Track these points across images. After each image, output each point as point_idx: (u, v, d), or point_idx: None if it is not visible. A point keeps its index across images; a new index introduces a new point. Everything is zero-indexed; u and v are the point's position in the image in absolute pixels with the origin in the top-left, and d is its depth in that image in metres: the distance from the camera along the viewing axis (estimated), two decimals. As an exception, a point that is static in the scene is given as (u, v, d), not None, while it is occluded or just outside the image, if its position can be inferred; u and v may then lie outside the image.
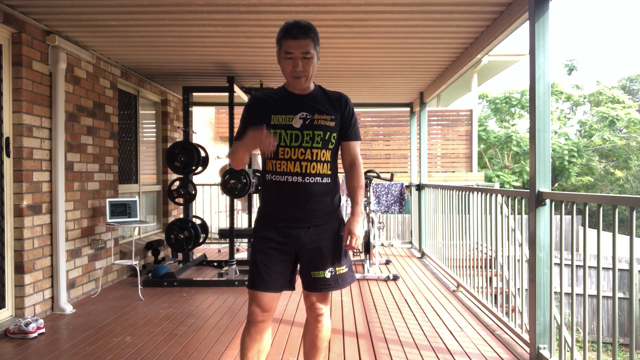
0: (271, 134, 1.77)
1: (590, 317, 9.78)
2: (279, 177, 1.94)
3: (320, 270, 1.98)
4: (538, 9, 2.64)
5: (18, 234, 3.45)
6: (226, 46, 4.20)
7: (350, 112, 2.04)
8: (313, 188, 1.94)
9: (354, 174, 2.05)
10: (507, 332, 3.23)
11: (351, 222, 1.97)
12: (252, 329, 1.97)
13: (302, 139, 1.92)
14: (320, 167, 1.95)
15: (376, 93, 6.47)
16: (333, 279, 2.00)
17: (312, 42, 1.90)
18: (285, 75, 1.94)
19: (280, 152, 1.92)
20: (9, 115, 3.42)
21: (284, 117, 1.92)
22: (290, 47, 1.87)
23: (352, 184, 2.05)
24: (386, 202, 6.61)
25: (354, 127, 2.04)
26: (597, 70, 65.20)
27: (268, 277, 1.93)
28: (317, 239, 1.97)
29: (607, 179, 21.55)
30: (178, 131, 6.63)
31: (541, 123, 2.65)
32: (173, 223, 4.90)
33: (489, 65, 11.18)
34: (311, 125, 1.93)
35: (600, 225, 2.18)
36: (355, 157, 2.05)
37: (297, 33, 1.85)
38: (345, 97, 2.06)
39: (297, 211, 1.95)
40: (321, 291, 2.01)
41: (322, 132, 1.94)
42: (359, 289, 4.54)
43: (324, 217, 1.99)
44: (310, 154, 1.93)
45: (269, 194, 1.99)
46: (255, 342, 1.97)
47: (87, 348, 2.96)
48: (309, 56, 1.90)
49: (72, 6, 3.27)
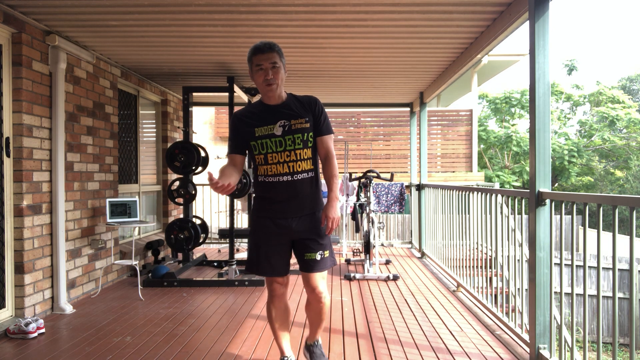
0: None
1: (590, 317, 9.78)
2: (271, 179, 2.29)
3: (312, 253, 2.33)
4: (538, 9, 2.64)
5: (18, 234, 3.45)
6: (226, 46, 4.20)
7: (320, 110, 2.36)
8: (301, 183, 2.30)
9: (329, 164, 2.38)
10: (507, 332, 3.23)
11: (327, 207, 2.32)
12: (275, 301, 2.43)
13: (285, 144, 2.27)
14: (305, 164, 2.30)
15: (376, 93, 6.47)
16: (322, 261, 2.35)
17: (278, 55, 2.26)
18: (259, 86, 2.29)
19: (269, 157, 2.28)
20: (9, 115, 3.42)
21: (265, 128, 2.27)
22: (260, 60, 2.23)
23: (328, 173, 2.38)
24: (386, 202, 6.61)
25: (324, 123, 2.36)
26: (597, 70, 65.21)
27: (274, 265, 2.34)
28: (308, 227, 2.33)
29: (607, 179, 21.55)
30: (178, 131, 6.63)
31: (541, 123, 2.65)
32: (173, 223, 4.90)
33: (489, 65, 11.19)
34: (290, 130, 2.27)
35: (600, 225, 2.18)
36: (328, 149, 2.37)
37: (264, 48, 2.24)
38: (314, 98, 2.39)
39: (289, 205, 2.31)
40: (317, 271, 2.34)
41: (301, 134, 2.28)
42: (359, 289, 4.55)
43: (310, 206, 2.35)
44: (295, 155, 2.27)
45: (263, 193, 2.34)
46: (280, 310, 2.45)
47: (87, 348, 2.96)
48: (277, 65, 2.25)
49: (72, 6, 3.27)
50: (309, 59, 4.59)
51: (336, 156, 2.44)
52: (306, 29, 3.72)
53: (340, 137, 10.86)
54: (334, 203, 2.31)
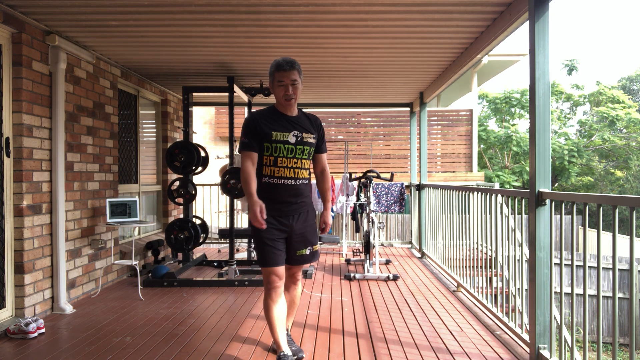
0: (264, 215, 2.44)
1: (590, 317, 9.78)
2: (276, 180, 2.54)
3: (303, 249, 2.66)
4: (538, 9, 2.64)
5: (18, 234, 3.45)
6: (226, 46, 4.20)
7: (323, 130, 2.71)
8: (301, 188, 2.60)
9: (325, 179, 2.78)
10: (507, 332, 3.23)
11: (325, 215, 2.75)
12: (273, 293, 2.58)
13: (296, 152, 2.55)
14: (305, 173, 2.61)
15: (376, 93, 6.47)
16: (311, 255, 2.70)
17: (298, 72, 2.52)
18: (278, 99, 2.54)
19: (279, 161, 2.53)
20: (9, 115, 3.42)
21: (281, 134, 2.52)
22: (282, 77, 2.49)
23: (324, 187, 2.78)
24: (386, 202, 6.61)
25: (324, 142, 2.73)
26: (597, 70, 65.19)
27: (280, 255, 2.58)
28: (303, 225, 2.64)
29: (607, 179, 21.54)
30: (178, 131, 6.63)
31: (541, 123, 2.65)
32: (173, 223, 4.90)
33: (489, 65, 11.18)
34: (302, 141, 2.56)
35: (600, 225, 2.18)
36: (325, 165, 2.78)
37: (286, 66, 2.48)
38: (319, 119, 2.72)
39: (290, 205, 2.59)
40: (303, 263, 2.71)
41: (309, 147, 2.59)
42: (359, 289, 4.55)
43: (305, 207, 2.66)
44: (301, 163, 2.57)
45: (268, 193, 2.56)
46: (277, 303, 2.59)
47: (87, 348, 2.96)
48: (296, 83, 2.52)
49: (72, 6, 3.27)
50: (309, 59, 4.59)
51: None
52: (306, 29, 3.72)
53: (340, 137, 10.86)
54: (329, 212, 2.76)
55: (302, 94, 6.60)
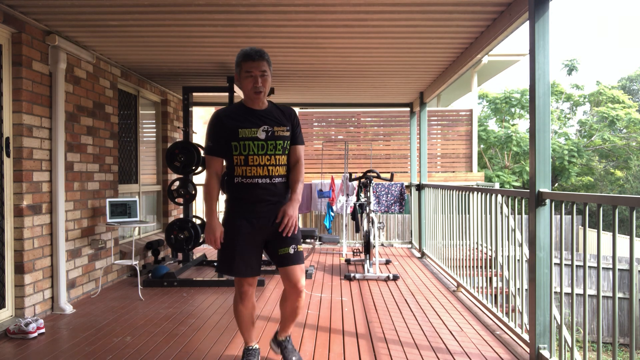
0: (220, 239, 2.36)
1: (590, 317, 9.78)
2: (249, 180, 2.37)
3: (285, 247, 2.41)
4: (538, 9, 2.64)
5: (18, 234, 3.45)
6: (226, 46, 4.20)
7: (297, 121, 2.51)
8: (277, 187, 2.41)
9: (297, 169, 2.51)
10: (507, 332, 3.23)
11: (287, 205, 2.41)
12: (244, 299, 2.49)
13: (267, 148, 2.36)
14: (281, 170, 2.43)
15: (376, 93, 6.47)
16: (295, 255, 2.43)
17: (267, 63, 2.34)
18: (246, 92, 2.36)
19: (250, 159, 2.35)
20: (9, 115, 3.42)
21: (249, 131, 2.35)
22: (250, 67, 2.30)
23: (294, 177, 2.48)
24: (386, 202, 6.61)
25: (299, 133, 2.51)
26: (597, 70, 65.20)
27: (249, 264, 2.40)
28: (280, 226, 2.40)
29: (607, 179, 21.54)
30: (178, 131, 6.63)
31: (541, 123, 2.65)
32: (173, 223, 4.90)
33: (489, 65, 11.17)
34: (273, 136, 2.37)
35: (600, 225, 2.18)
36: (299, 157, 2.52)
37: (255, 55, 2.30)
38: (293, 110, 2.52)
39: (267, 205, 2.40)
40: (296, 264, 2.41)
41: (282, 141, 2.40)
42: (359, 289, 4.55)
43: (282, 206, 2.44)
44: (274, 159, 2.39)
45: (239, 194, 2.40)
46: (247, 309, 2.52)
47: (87, 348, 2.96)
48: (266, 74, 2.33)
49: (72, 6, 3.27)
50: (309, 59, 4.59)
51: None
52: (306, 29, 3.72)
53: (340, 137, 10.86)
54: (294, 203, 2.42)
55: (303, 94, 6.60)
